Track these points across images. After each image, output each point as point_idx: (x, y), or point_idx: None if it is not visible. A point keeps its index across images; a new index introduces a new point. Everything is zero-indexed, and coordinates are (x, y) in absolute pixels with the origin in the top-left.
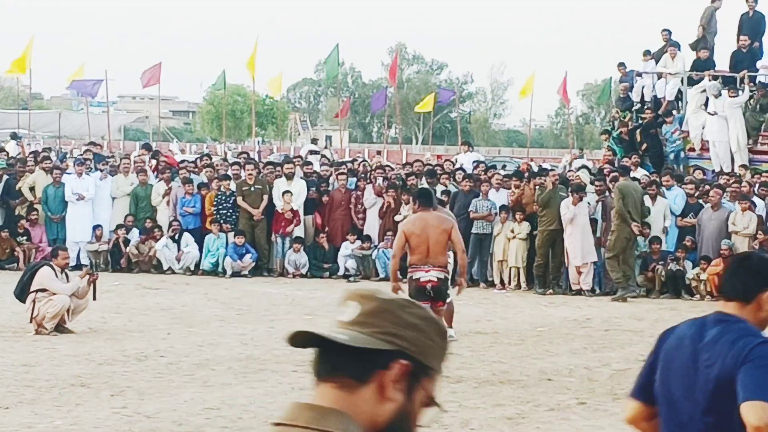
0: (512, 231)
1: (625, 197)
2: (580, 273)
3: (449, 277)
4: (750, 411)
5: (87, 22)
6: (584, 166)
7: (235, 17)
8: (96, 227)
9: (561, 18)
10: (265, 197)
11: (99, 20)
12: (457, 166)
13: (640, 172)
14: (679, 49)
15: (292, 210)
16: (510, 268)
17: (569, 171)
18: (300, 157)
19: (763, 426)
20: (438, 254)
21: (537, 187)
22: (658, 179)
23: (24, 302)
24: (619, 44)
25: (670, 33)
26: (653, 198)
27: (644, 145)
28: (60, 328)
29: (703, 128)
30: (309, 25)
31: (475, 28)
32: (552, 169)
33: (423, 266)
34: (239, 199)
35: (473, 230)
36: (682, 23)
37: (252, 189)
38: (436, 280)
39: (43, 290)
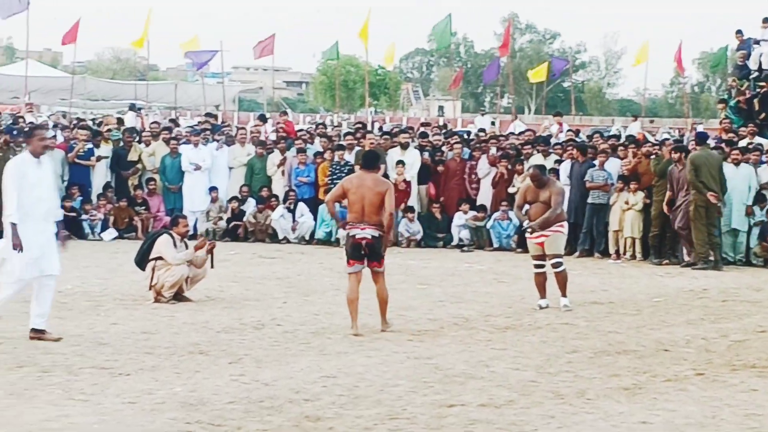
0: (626, 202)
1: (698, 168)
2: None
3: (383, 236)
4: None
5: None
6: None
7: None
8: (212, 189)
9: None
10: (383, 167)
11: None
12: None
13: (757, 141)
14: None
15: (405, 180)
16: (625, 238)
17: (690, 140)
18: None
19: None
20: (372, 214)
21: (653, 156)
22: None
23: (143, 269)
24: (736, 11)
25: None
26: None
27: (762, 115)
28: (178, 296)
29: None
30: None
31: None
32: (666, 139)
33: (359, 224)
34: (357, 168)
35: (589, 200)
36: None
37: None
38: (370, 237)
39: (161, 258)
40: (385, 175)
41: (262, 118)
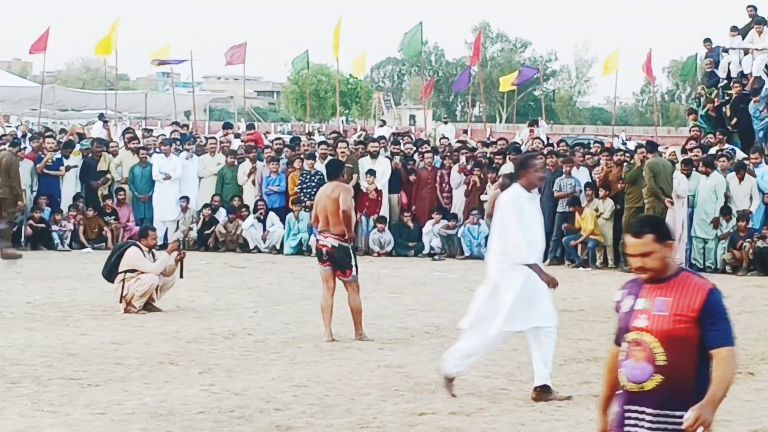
0: (596, 210)
1: (656, 174)
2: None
3: (346, 246)
4: None
5: (172, 2)
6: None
7: None
8: (182, 198)
9: None
10: (355, 176)
11: (185, 1)
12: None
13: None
14: (766, 26)
15: (376, 190)
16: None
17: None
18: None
19: None
20: (334, 223)
21: (624, 164)
22: (744, 161)
23: (112, 282)
24: (705, 20)
25: (755, 9)
26: (741, 178)
27: (734, 120)
28: (148, 306)
29: None
30: (393, 3)
31: (559, 5)
32: (640, 146)
33: (324, 232)
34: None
35: (558, 209)
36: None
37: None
38: (330, 246)
39: (132, 270)
40: (357, 185)
41: (227, 125)
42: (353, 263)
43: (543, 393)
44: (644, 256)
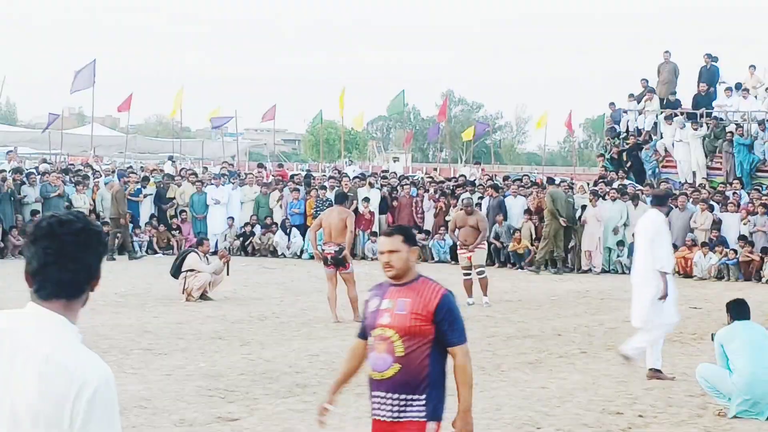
0: (529, 230)
1: (555, 200)
2: (590, 257)
3: (344, 248)
4: None
5: (222, 74)
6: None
7: (329, 71)
8: (229, 217)
9: (568, 70)
10: (354, 202)
11: (231, 72)
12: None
13: (619, 182)
14: (655, 93)
15: (369, 212)
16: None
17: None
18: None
19: None
20: (337, 236)
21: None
22: (638, 192)
23: (177, 278)
24: (610, 89)
25: (647, 81)
26: (636, 204)
27: (629, 163)
28: (203, 296)
29: (665, 149)
30: (382, 76)
31: (504, 77)
32: (563, 181)
33: (328, 243)
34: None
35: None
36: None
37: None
38: (333, 252)
39: (191, 270)
40: (356, 209)
41: (261, 165)
42: (348, 260)
43: (655, 373)
44: (392, 253)
